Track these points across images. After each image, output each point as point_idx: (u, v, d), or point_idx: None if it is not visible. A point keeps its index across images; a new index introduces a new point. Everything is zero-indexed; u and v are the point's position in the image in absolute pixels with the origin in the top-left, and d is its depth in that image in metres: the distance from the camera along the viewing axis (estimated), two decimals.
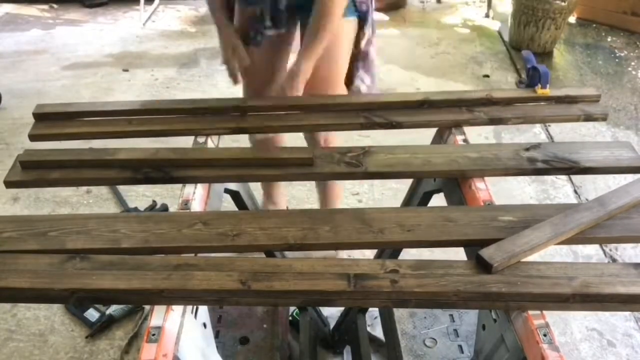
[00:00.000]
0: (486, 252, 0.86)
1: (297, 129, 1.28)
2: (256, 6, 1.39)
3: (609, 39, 3.80)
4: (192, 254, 0.94)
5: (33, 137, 1.26)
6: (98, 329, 1.80)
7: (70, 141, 1.29)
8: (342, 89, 1.56)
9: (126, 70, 3.45)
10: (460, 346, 1.41)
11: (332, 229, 0.95)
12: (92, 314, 1.83)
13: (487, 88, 3.17)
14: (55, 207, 2.39)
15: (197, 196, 1.08)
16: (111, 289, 0.84)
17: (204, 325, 0.94)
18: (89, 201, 2.42)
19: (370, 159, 1.13)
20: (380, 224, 0.96)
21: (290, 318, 1.65)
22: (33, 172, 1.13)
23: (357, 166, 1.11)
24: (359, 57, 1.54)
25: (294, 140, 1.65)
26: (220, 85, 3.32)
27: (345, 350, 1.73)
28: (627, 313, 1.90)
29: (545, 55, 3.56)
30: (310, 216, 0.98)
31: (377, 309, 1.71)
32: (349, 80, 1.57)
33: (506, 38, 3.78)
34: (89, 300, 0.87)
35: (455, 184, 1.14)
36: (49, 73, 3.41)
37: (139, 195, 2.41)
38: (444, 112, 1.28)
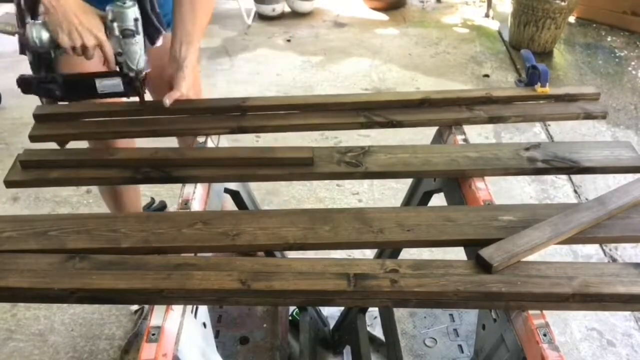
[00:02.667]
0: (486, 252, 0.86)
1: (297, 128, 1.28)
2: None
3: (609, 39, 3.80)
4: (192, 254, 0.94)
5: (33, 138, 1.26)
6: None
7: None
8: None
9: None
10: (460, 346, 1.41)
11: (332, 228, 0.95)
12: None
13: (487, 87, 3.17)
14: (55, 206, 2.39)
15: (197, 196, 1.08)
16: (111, 289, 0.84)
17: (204, 325, 0.94)
18: (89, 201, 2.42)
19: (370, 158, 1.13)
20: (380, 224, 0.96)
21: (290, 318, 1.65)
22: (33, 171, 1.13)
23: (357, 166, 1.11)
24: None
25: (294, 140, 1.65)
26: (220, 85, 3.32)
27: (345, 350, 1.73)
28: (627, 313, 1.90)
29: (545, 55, 3.56)
30: (310, 216, 0.98)
31: (377, 309, 1.71)
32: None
33: (506, 38, 3.78)
34: (88, 299, 0.87)
35: (455, 184, 1.14)
36: None
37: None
38: (443, 111, 1.28)
